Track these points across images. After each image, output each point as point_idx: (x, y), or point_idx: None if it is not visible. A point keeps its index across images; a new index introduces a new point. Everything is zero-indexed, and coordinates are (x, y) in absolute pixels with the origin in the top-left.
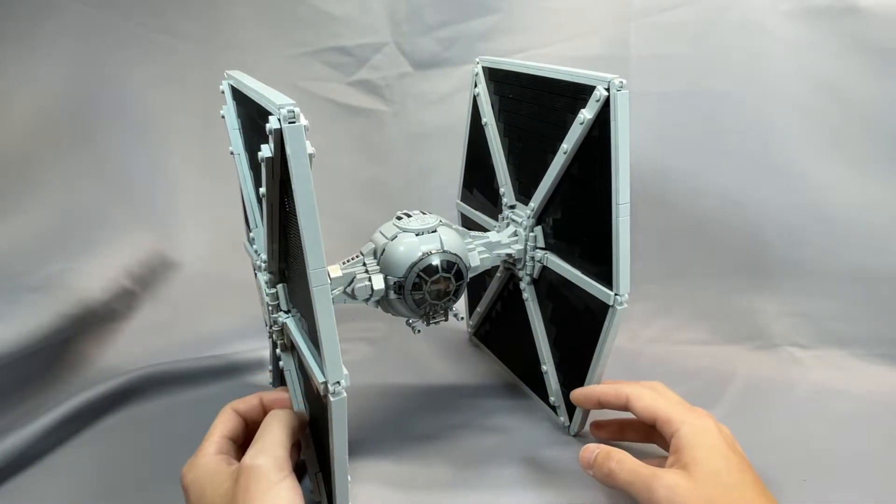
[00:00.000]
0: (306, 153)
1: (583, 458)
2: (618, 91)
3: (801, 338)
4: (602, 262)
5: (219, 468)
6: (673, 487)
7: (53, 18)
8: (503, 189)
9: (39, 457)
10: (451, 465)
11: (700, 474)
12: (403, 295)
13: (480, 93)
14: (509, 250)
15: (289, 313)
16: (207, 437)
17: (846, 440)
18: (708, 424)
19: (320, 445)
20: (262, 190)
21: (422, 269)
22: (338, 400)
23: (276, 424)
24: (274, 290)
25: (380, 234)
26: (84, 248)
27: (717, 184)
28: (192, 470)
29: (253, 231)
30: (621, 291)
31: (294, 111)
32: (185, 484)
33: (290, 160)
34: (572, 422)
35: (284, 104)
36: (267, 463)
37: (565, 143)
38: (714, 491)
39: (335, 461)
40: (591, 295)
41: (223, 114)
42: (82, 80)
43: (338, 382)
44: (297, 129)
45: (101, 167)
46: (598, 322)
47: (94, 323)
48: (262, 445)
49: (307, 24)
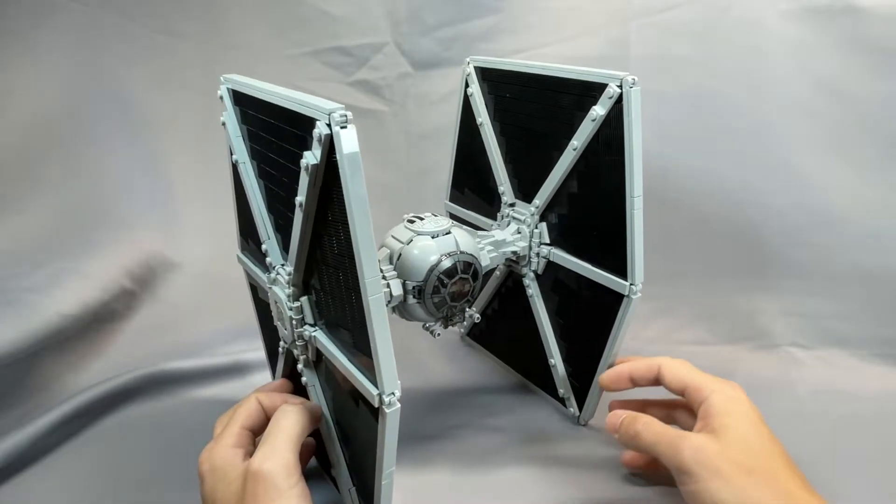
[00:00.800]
0: (360, 160)
1: (609, 422)
2: (630, 88)
3: (801, 338)
4: (615, 254)
5: (234, 463)
6: (700, 449)
7: (53, 18)
8: (502, 188)
9: (39, 457)
10: (456, 465)
11: (729, 439)
12: (423, 299)
13: (474, 93)
14: (514, 248)
15: (315, 326)
16: (228, 425)
17: (846, 440)
18: (740, 394)
19: (352, 460)
20: (300, 199)
21: (442, 272)
22: (392, 411)
23: (285, 423)
24: (298, 303)
25: (393, 238)
26: (84, 248)
27: (717, 184)
28: (210, 459)
29: (265, 243)
30: (636, 281)
31: (347, 115)
32: (202, 472)
33: (343, 165)
34: (583, 411)
35: (334, 108)
36: (276, 468)
37: (575, 140)
38: (741, 455)
39: (384, 474)
40: (602, 286)
41: (223, 120)
42: (82, 80)
43: (392, 393)
44: (351, 133)
45: (101, 167)
46: (610, 313)
47: (94, 323)
48: (273, 446)
49: (307, 24)
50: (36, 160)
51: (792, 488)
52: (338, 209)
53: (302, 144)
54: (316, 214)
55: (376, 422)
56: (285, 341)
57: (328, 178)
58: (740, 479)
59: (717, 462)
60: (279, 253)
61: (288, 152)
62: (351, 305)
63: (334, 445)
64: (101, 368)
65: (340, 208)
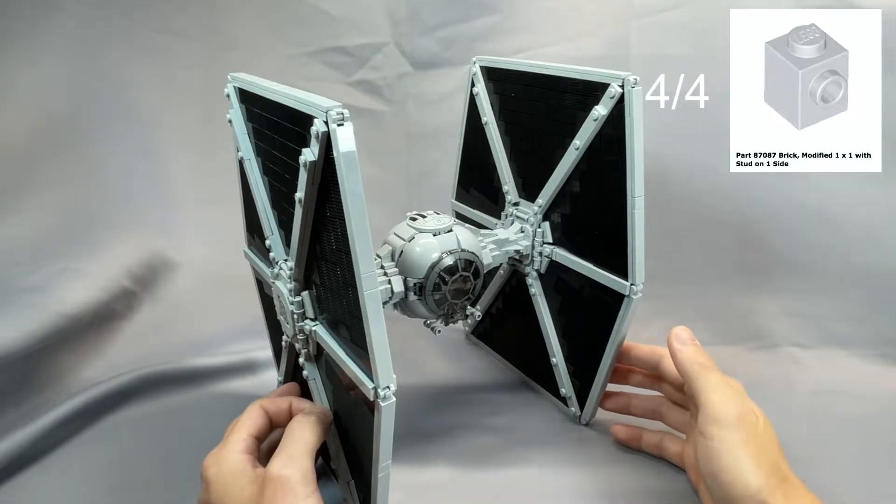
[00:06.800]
0: (356, 157)
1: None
2: (632, 88)
3: (801, 338)
4: (616, 254)
5: (244, 469)
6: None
7: (53, 18)
8: (507, 187)
9: (40, 456)
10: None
11: None
12: (424, 296)
13: (479, 92)
14: (517, 247)
15: (315, 321)
16: (235, 431)
17: (846, 440)
18: (740, 389)
19: (351, 453)
20: (299, 195)
21: (442, 269)
22: (388, 405)
23: (303, 432)
24: (299, 298)
25: (395, 235)
26: (84, 248)
27: (717, 184)
28: (217, 464)
29: (269, 239)
30: (637, 281)
31: (343, 113)
32: (208, 477)
33: (339, 163)
34: (584, 410)
35: (332, 106)
36: (295, 476)
37: (577, 140)
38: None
39: (379, 468)
40: (604, 286)
41: (230, 118)
42: (82, 79)
43: (388, 387)
44: (347, 131)
45: (101, 167)
46: (611, 312)
47: (94, 323)
48: (290, 454)
49: (307, 24)
50: (36, 160)
51: None
52: (335, 205)
53: (302, 141)
54: (315, 210)
55: (372, 415)
56: (287, 336)
57: (326, 175)
58: None
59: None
60: (282, 248)
61: (289, 149)
62: (348, 300)
63: (334, 439)
64: (101, 368)
65: (338, 205)
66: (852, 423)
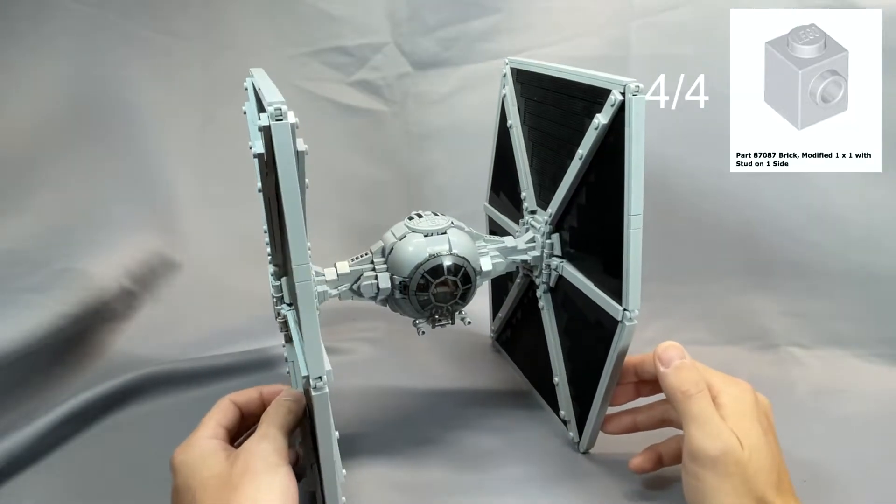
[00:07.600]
0: (292, 151)
1: None
2: (633, 96)
3: (801, 338)
4: (612, 275)
5: (215, 450)
6: None
7: (53, 18)
8: (524, 193)
9: (39, 457)
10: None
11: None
12: (408, 295)
13: (507, 94)
14: (525, 256)
15: (291, 306)
16: (203, 423)
17: (846, 440)
18: (747, 396)
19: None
20: (258, 185)
21: (427, 271)
22: (319, 395)
23: (279, 412)
24: (279, 282)
25: (390, 233)
26: (84, 248)
27: (717, 184)
28: (185, 451)
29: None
30: (630, 307)
31: (281, 109)
32: (175, 465)
33: (276, 157)
34: (582, 438)
35: (273, 101)
36: (269, 448)
37: (581, 149)
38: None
39: (322, 458)
40: (601, 308)
41: (245, 110)
42: (82, 79)
43: (320, 378)
44: (283, 127)
45: (101, 167)
46: (608, 336)
47: (94, 323)
48: (266, 431)
49: (307, 24)
50: (36, 160)
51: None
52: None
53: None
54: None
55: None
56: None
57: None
58: None
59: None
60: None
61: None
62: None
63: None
64: (102, 368)
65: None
66: (852, 423)
